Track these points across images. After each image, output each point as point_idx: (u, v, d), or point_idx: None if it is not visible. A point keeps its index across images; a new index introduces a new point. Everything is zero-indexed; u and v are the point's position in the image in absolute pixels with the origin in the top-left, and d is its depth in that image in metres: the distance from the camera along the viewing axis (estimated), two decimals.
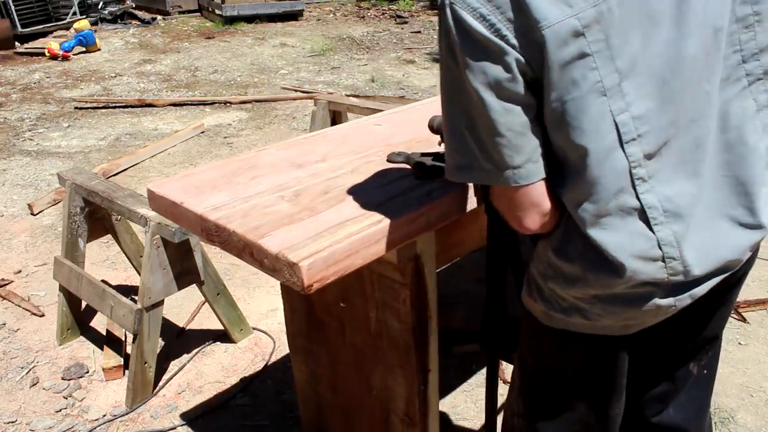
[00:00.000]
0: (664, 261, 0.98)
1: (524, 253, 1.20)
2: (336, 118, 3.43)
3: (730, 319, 2.58)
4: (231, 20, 9.57)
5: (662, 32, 0.91)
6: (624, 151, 0.93)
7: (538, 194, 0.99)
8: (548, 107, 0.93)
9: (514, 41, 0.89)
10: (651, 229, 0.97)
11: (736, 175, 1.01)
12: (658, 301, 1.02)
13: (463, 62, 0.92)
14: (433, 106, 1.83)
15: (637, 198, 0.96)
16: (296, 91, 6.25)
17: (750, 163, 1.01)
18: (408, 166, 1.41)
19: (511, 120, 0.93)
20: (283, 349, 2.48)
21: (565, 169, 0.98)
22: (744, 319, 2.59)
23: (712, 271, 1.03)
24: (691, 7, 0.92)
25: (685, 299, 1.04)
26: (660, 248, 0.97)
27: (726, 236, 1.02)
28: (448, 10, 0.92)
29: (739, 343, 2.46)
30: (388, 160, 1.44)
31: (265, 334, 2.63)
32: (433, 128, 1.33)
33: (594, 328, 1.09)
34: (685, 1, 0.92)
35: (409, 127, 1.73)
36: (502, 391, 2.18)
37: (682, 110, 0.95)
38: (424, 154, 1.40)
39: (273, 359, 2.48)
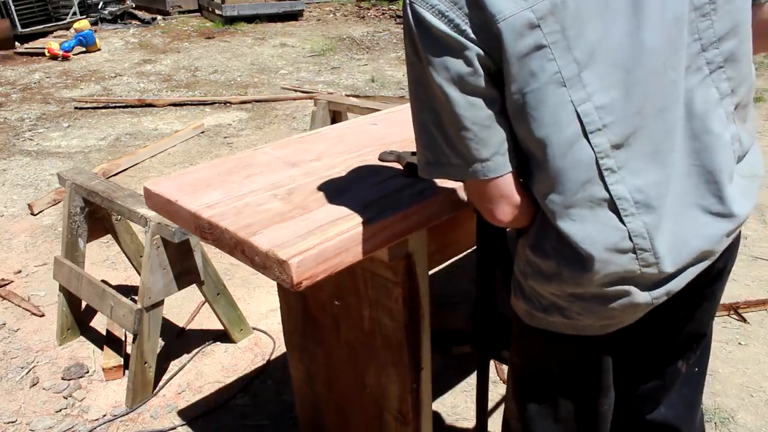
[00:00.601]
0: (635, 252, 0.98)
1: (512, 251, 1.20)
2: (336, 118, 3.43)
3: (729, 319, 2.59)
4: (231, 20, 9.58)
5: (620, 22, 0.92)
6: (589, 141, 0.94)
7: (508, 186, 1.00)
8: (509, 99, 0.94)
9: (473, 35, 0.90)
10: (621, 221, 0.97)
11: (704, 163, 1.01)
12: (633, 298, 1.02)
13: (426, 59, 0.93)
14: None
15: (607, 189, 0.96)
16: (296, 91, 6.25)
17: (716, 151, 1.01)
18: (399, 165, 1.41)
19: (476, 113, 0.94)
20: (283, 349, 2.48)
21: (531, 161, 0.99)
22: (744, 319, 2.58)
23: (687, 263, 1.03)
24: None
25: (661, 295, 1.03)
26: (630, 240, 0.97)
27: (697, 226, 1.02)
28: (408, 9, 0.94)
29: (739, 343, 2.46)
30: (379, 159, 1.45)
31: (265, 334, 2.63)
32: None
33: (575, 328, 1.09)
34: None
35: (405, 127, 1.72)
36: (500, 390, 2.19)
37: (649, 100, 0.95)
38: (414, 153, 1.40)
39: (273, 359, 2.48)
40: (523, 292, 1.12)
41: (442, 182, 1.28)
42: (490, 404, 2.13)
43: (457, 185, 1.29)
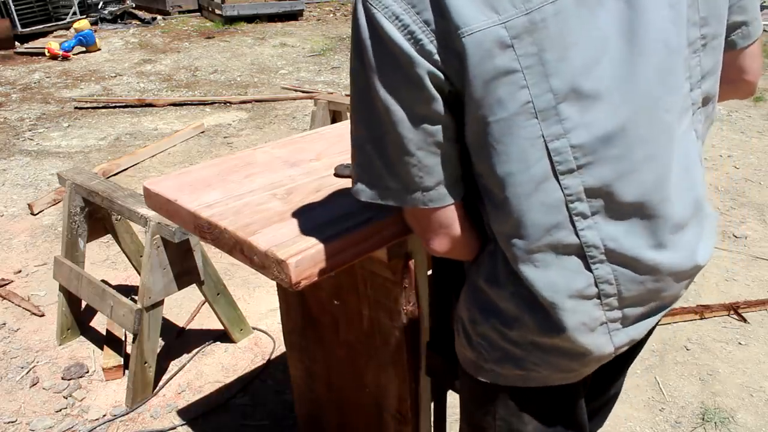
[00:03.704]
0: (599, 298, 0.89)
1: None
2: (336, 117, 3.43)
3: (729, 319, 2.60)
4: (231, 20, 9.58)
5: (611, 49, 0.79)
6: (559, 182, 0.82)
7: (449, 218, 0.90)
8: (469, 128, 0.82)
9: (431, 48, 0.77)
10: (588, 268, 0.87)
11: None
12: (598, 349, 0.93)
13: (371, 68, 0.80)
14: None
15: (576, 235, 0.85)
16: (296, 91, 6.25)
17: (703, 205, 0.93)
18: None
19: (422, 138, 0.82)
20: (283, 348, 2.49)
21: (488, 196, 0.88)
22: (744, 319, 2.59)
23: (651, 309, 0.95)
24: (643, 26, 0.80)
25: (624, 344, 0.95)
26: (596, 286, 0.88)
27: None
28: (359, 6, 0.80)
29: (739, 343, 2.46)
30: (335, 172, 1.39)
31: (265, 334, 2.64)
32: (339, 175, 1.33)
33: (526, 380, 0.98)
34: (638, 19, 0.79)
35: None
36: None
37: (638, 143, 0.83)
38: None
39: (273, 359, 2.48)
40: (470, 340, 1.00)
41: None
42: None
43: None
